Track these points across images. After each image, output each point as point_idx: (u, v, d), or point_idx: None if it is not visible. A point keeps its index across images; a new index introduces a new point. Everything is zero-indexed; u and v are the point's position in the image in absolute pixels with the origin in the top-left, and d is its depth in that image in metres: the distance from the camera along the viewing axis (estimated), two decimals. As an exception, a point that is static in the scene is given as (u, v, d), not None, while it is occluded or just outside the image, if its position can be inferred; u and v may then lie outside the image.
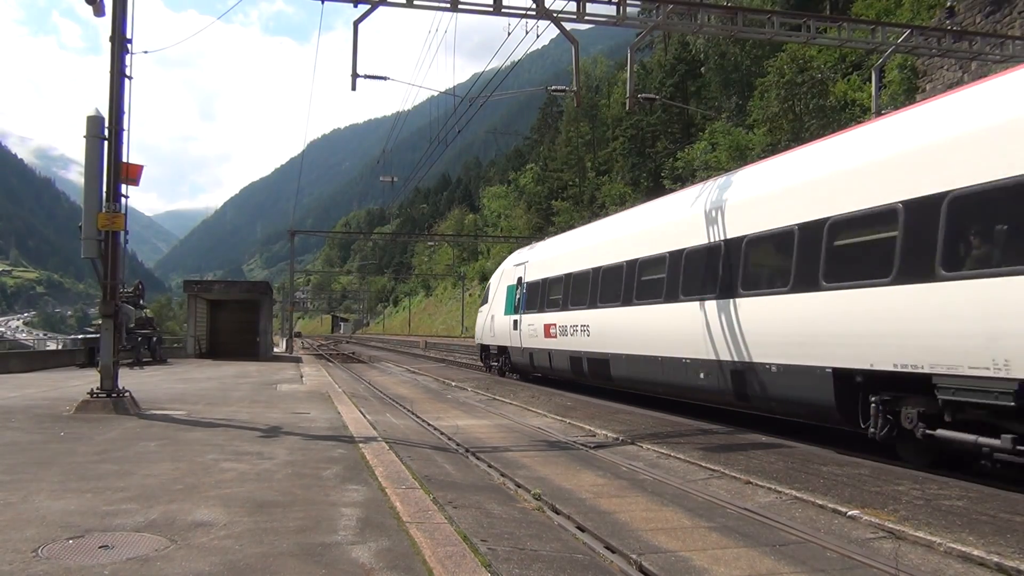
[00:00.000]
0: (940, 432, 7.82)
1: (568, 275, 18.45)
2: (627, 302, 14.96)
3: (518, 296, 22.08)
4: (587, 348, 16.89)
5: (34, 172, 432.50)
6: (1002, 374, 6.92)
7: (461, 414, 14.36)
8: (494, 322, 24.44)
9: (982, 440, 7.30)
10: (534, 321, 20.35)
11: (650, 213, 15.63)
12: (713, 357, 11.64)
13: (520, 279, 22.11)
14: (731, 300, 11.22)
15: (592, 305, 16.73)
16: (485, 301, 26.43)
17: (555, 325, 18.75)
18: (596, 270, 16.75)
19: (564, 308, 18.38)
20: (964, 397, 7.37)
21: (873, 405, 8.60)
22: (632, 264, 14.94)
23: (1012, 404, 6.84)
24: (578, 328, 17.38)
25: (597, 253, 17.01)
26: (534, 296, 20.77)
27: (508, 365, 23.88)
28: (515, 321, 21.92)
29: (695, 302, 12.25)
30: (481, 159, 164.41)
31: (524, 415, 13.99)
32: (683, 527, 6.22)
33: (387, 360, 38.01)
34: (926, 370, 7.75)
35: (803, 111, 36.15)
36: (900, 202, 8.20)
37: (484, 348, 26.61)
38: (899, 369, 8.10)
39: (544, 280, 20.19)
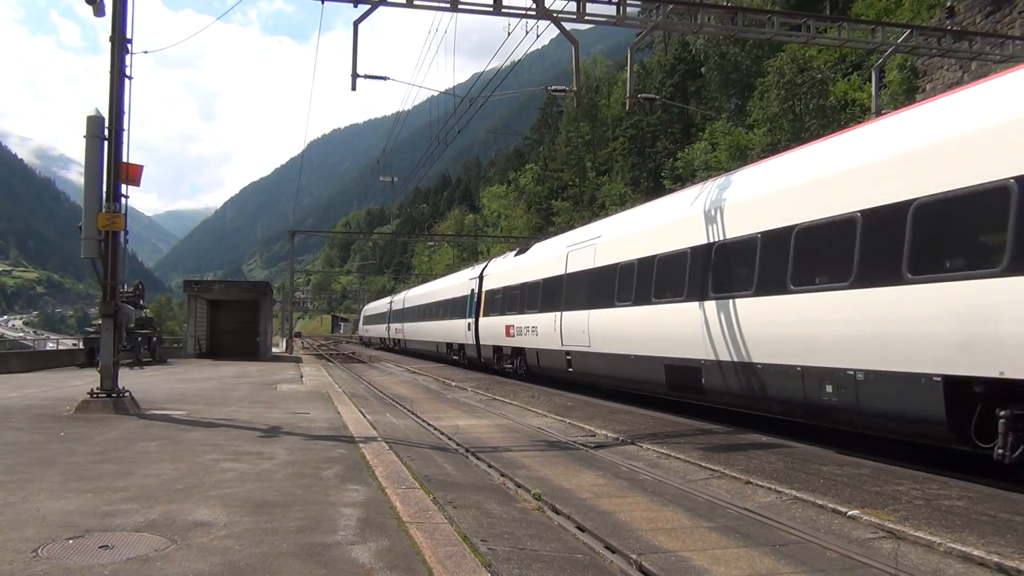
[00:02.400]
0: None
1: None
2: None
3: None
4: None
5: (34, 172, 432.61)
6: None
7: (461, 414, 14.36)
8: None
9: None
10: None
11: None
12: None
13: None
14: None
15: None
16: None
17: None
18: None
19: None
20: None
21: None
22: None
23: None
24: None
25: None
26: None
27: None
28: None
29: None
30: (481, 159, 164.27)
31: (524, 415, 13.99)
32: (683, 527, 6.22)
33: (387, 360, 38.01)
34: None
35: (803, 111, 36.11)
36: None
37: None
38: None
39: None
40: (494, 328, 24.17)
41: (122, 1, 11.86)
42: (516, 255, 24.59)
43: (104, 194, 11.86)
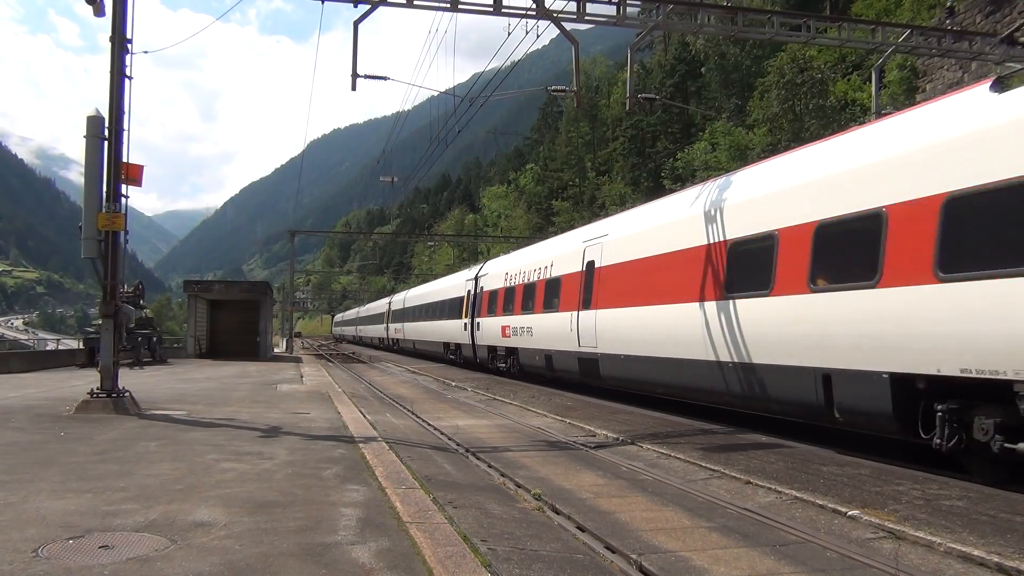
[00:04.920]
0: None
1: None
2: None
3: None
4: None
5: (34, 172, 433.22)
6: None
7: (461, 414, 14.35)
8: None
9: None
10: None
11: None
12: None
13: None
14: None
15: None
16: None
17: None
18: None
19: None
20: None
21: None
22: None
23: None
24: None
25: None
26: None
27: None
28: None
29: None
30: (481, 159, 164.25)
31: (524, 415, 13.98)
32: (683, 527, 6.21)
33: (387, 360, 37.99)
34: None
35: (803, 111, 36.12)
36: None
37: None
38: None
39: None
40: None
41: (122, 1, 11.86)
42: None
43: (104, 194, 11.86)
